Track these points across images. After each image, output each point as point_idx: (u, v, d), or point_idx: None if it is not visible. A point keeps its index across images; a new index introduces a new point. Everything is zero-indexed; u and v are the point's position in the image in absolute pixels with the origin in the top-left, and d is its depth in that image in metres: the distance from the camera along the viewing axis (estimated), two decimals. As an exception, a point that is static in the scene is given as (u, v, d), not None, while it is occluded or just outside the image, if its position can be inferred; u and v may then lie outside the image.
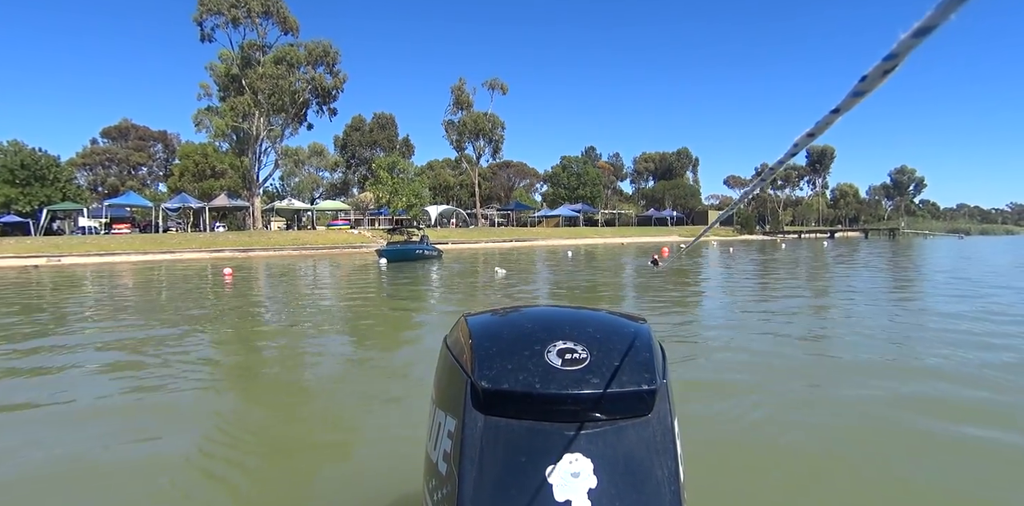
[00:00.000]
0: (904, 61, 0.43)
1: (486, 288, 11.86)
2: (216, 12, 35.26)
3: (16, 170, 35.22)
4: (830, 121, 0.54)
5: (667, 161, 77.14)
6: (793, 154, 0.63)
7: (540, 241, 42.71)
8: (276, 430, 3.30)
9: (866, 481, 2.48)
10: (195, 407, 3.73)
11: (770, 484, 2.49)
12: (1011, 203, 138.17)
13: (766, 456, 2.78)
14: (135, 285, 14.02)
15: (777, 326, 6.41)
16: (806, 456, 2.77)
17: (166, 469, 2.67)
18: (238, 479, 2.62)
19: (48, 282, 15.29)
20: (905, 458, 2.73)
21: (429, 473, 0.95)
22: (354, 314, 8.25)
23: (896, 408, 3.40)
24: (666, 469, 0.86)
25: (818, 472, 2.61)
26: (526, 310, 1.10)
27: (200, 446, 2.99)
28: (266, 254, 30.28)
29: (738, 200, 1.30)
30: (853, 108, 0.51)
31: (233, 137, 39.94)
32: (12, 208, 35.28)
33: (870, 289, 10.46)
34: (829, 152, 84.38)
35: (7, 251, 26.66)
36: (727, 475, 2.53)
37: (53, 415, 3.59)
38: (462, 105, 50.02)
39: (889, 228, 68.58)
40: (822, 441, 2.94)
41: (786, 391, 3.86)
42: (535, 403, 0.85)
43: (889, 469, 2.60)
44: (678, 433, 0.91)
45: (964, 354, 4.68)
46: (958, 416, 3.24)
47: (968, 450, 2.78)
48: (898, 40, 0.41)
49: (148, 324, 7.26)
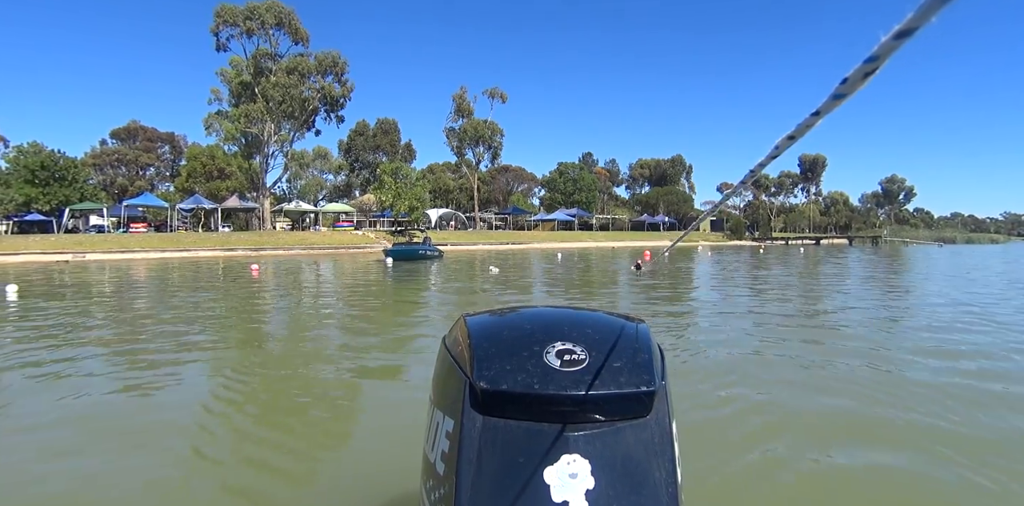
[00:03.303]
0: (885, 63, 0.42)
1: (481, 282, 13.67)
2: (232, 23, 37.21)
3: (37, 171, 36.93)
4: (810, 124, 0.53)
5: (661, 168, 79.15)
6: (774, 157, 0.63)
7: (535, 244, 44.56)
8: (275, 429, 3.29)
9: (865, 484, 2.47)
10: (194, 404, 3.71)
11: (767, 487, 2.49)
12: (1004, 212, 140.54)
13: (764, 459, 2.76)
14: (183, 277, 15.83)
15: (777, 326, 6.60)
16: (804, 459, 2.75)
17: (166, 468, 2.69)
18: (235, 479, 2.63)
19: (104, 275, 17.11)
20: (905, 460, 2.72)
21: (427, 473, 0.96)
22: (364, 306, 9.30)
23: (895, 408, 3.41)
24: (664, 471, 0.85)
25: (816, 475, 2.60)
26: (525, 311, 1.10)
27: (200, 445, 3.01)
28: (277, 253, 32.06)
29: (717, 204, 1.83)
30: (834, 111, 0.50)
31: (242, 141, 41.85)
32: (33, 207, 37.01)
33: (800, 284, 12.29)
34: (821, 161, 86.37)
35: (33, 247, 28.44)
36: (724, 477, 2.54)
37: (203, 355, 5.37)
38: (463, 113, 51.98)
39: (872, 236, 70.73)
40: (820, 443, 2.95)
41: (786, 392, 3.88)
42: (533, 404, 0.85)
43: (889, 472, 2.58)
44: (676, 435, 0.91)
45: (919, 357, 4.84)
46: (957, 417, 3.26)
47: (969, 450, 2.77)
48: (879, 42, 0.40)
49: (206, 304, 9.10)
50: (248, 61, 38.73)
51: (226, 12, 36.69)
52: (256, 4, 37.06)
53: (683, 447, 0.93)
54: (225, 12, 36.67)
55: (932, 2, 0.36)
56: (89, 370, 4.65)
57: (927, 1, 0.36)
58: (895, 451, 2.81)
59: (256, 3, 37.08)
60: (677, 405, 0.96)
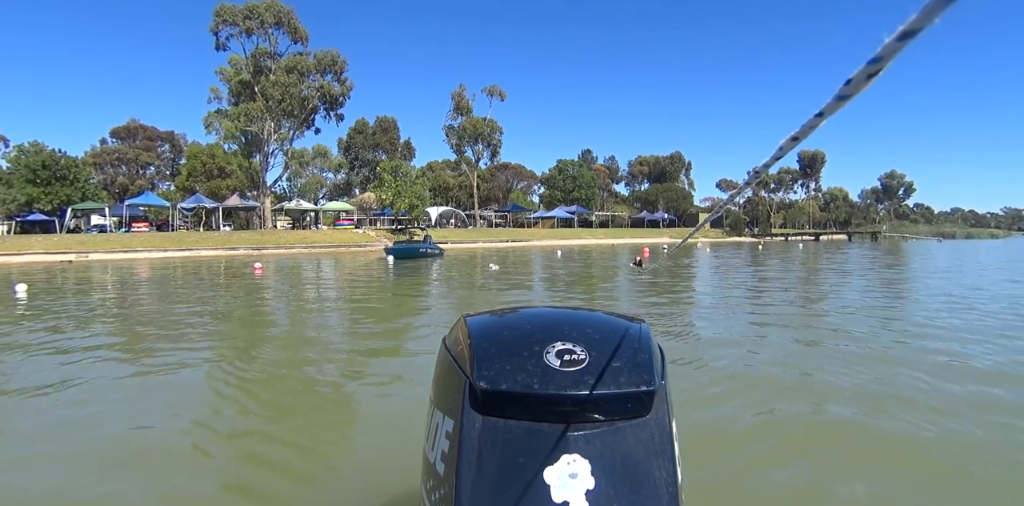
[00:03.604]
0: (889, 65, 0.42)
1: (481, 279, 13.84)
2: (231, 23, 37.29)
3: (38, 170, 36.99)
4: (814, 125, 0.53)
5: (661, 164, 79.17)
6: (778, 158, 0.63)
7: (535, 242, 44.68)
8: (275, 429, 3.31)
9: (864, 483, 2.47)
10: (195, 402, 3.76)
11: (767, 487, 2.49)
12: (1005, 207, 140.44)
13: (765, 458, 2.77)
14: (188, 277, 16.02)
15: (777, 324, 6.68)
16: (804, 459, 2.76)
17: (166, 468, 2.70)
18: (236, 479, 2.63)
19: (110, 275, 17.29)
20: (905, 459, 2.73)
21: (427, 474, 0.96)
22: (366, 304, 9.53)
23: (896, 408, 3.43)
24: (664, 470, 0.85)
25: (816, 475, 2.61)
26: (525, 311, 1.11)
27: (201, 444, 3.02)
28: (278, 252, 32.20)
29: (722, 205, 1.40)
30: (837, 112, 0.50)
31: (242, 139, 41.98)
32: (35, 207, 37.14)
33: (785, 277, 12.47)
34: (820, 157, 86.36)
35: (36, 247, 28.56)
36: (725, 477, 2.55)
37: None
38: (462, 111, 52.06)
39: (871, 231, 70.96)
40: (820, 443, 2.96)
41: (784, 390, 3.90)
42: (533, 404, 0.85)
43: (889, 472, 2.58)
44: (676, 434, 0.91)
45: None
46: (954, 416, 3.28)
47: (970, 450, 2.80)
48: (882, 44, 0.40)
49: (214, 299, 9.28)
50: (247, 60, 38.84)
51: (225, 11, 36.79)
52: (255, 3, 37.17)
53: (683, 447, 0.93)
54: (224, 11, 36.77)
55: (936, 3, 0.35)
56: (104, 356, 4.86)
57: (931, 2, 0.36)
58: (896, 451, 2.81)
59: (255, 2, 37.18)
60: (677, 404, 0.96)
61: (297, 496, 2.45)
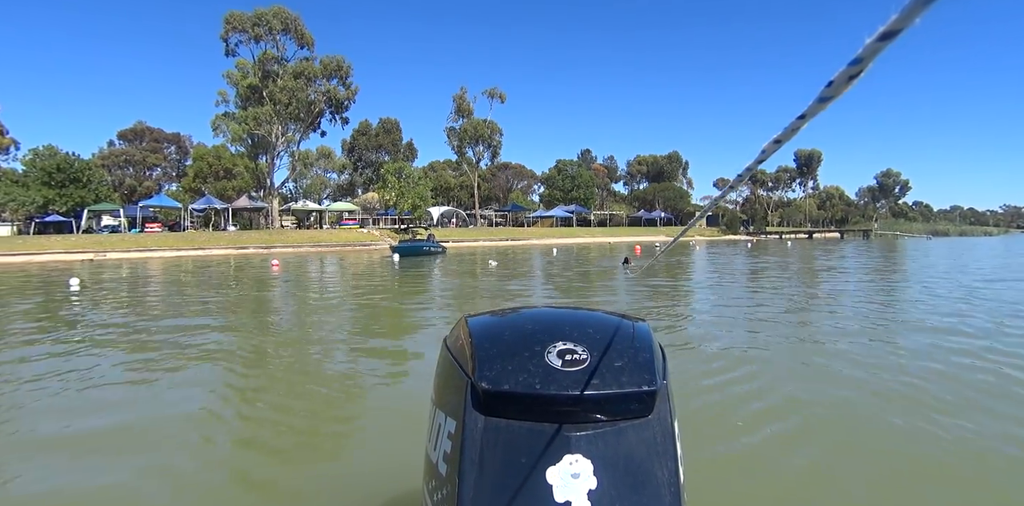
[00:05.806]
0: (870, 66, 0.42)
1: (481, 274, 14.99)
2: (240, 30, 38.57)
3: (53, 173, 38.19)
4: (797, 127, 0.53)
5: (659, 164, 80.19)
6: (761, 161, 0.62)
7: (534, 240, 45.56)
8: (276, 429, 3.32)
9: (866, 483, 2.47)
10: (198, 401, 3.77)
11: (771, 486, 2.48)
12: (1004, 205, 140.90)
13: (768, 458, 2.76)
14: (208, 274, 17.17)
15: (777, 322, 6.68)
16: (808, 459, 2.75)
17: (166, 467, 2.70)
18: (237, 478, 2.65)
19: (128, 272, 18.48)
20: (904, 459, 2.72)
21: (429, 474, 0.96)
22: (374, 300, 10.12)
23: (898, 409, 3.40)
24: (666, 470, 0.85)
25: (818, 475, 2.60)
26: (526, 311, 1.11)
27: (202, 444, 3.05)
28: (287, 250, 33.25)
29: (704, 210, 1.44)
30: (819, 114, 0.50)
31: (249, 141, 43.18)
32: (51, 208, 38.39)
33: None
34: (816, 155, 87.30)
35: (56, 247, 29.81)
36: (727, 477, 2.53)
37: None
38: (463, 113, 53.20)
39: (863, 229, 72.12)
40: (824, 443, 2.94)
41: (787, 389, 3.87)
42: (535, 404, 0.85)
43: (890, 472, 2.58)
44: (678, 434, 0.90)
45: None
46: (953, 415, 3.25)
47: (970, 452, 2.79)
48: (863, 44, 0.40)
49: (240, 293, 10.48)
50: (254, 66, 40.07)
51: (235, 19, 38.07)
52: (263, 10, 38.43)
53: (686, 446, 0.93)
54: (234, 19, 38.05)
55: (916, 3, 0.35)
56: (149, 339, 6.04)
57: (911, 2, 0.36)
58: (897, 452, 2.81)
59: (263, 9, 38.45)
60: (679, 404, 0.96)
61: (298, 496, 2.46)
